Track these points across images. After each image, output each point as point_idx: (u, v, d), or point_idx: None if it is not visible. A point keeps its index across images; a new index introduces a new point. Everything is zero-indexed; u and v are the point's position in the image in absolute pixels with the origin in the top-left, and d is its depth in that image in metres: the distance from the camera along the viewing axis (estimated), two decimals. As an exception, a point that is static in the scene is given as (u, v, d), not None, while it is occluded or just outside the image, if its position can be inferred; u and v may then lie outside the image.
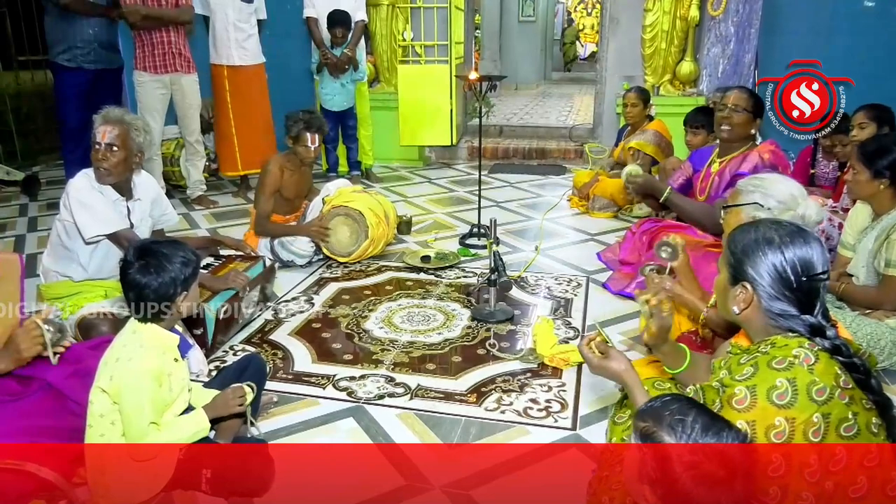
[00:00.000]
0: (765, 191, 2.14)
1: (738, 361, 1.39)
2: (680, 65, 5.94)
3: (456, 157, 6.74)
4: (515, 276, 3.45)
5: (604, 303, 3.20)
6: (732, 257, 1.43)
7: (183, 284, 1.72)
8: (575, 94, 13.02)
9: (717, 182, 3.05)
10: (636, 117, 4.92)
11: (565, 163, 6.65)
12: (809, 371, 1.27)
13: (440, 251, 3.82)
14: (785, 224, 1.44)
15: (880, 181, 2.48)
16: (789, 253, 1.35)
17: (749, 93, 3.03)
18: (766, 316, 1.39)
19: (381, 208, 3.78)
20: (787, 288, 1.35)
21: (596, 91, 6.80)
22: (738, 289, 1.41)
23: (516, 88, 13.07)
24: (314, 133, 3.57)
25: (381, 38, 6.24)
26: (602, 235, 4.28)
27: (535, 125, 8.27)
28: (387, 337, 2.83)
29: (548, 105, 11.21)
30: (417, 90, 6.03)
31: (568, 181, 5.66)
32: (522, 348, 2.72)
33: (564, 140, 7.17)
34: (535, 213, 4.82)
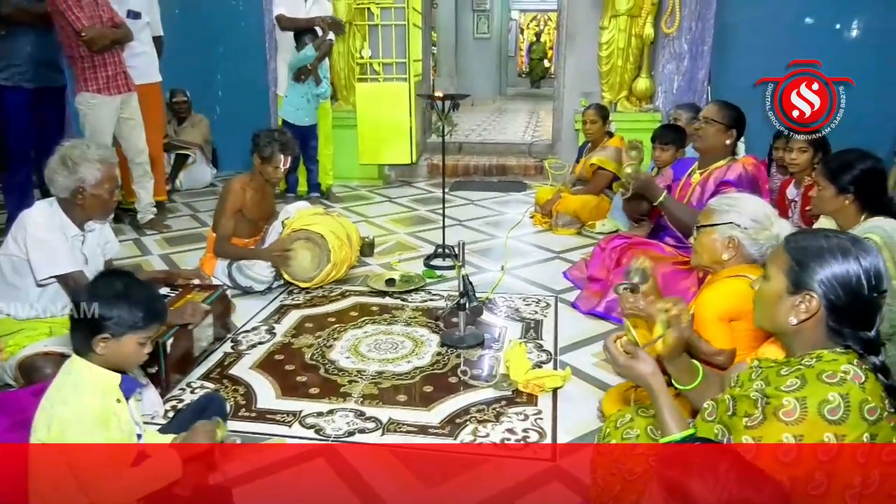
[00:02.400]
0: (739, 210, 2.12)
1: (777, 373, 1.32)
2: (636, 81, 6.00)
3: (416, 175, 6.66)
4: (483, 299, 3.37)
5: (574, 323, 3.16)
6: (797, 264, 1.34)
7: (130, 326, 1.57)
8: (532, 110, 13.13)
9: (698, 192, 3.09)
10: (596, 134, 4.92)
11: (526, 179, 6.64)
12: (861, 389, 1.22)
13: (405, 273, 3.74)
14: (848, 235, 1.38)
15: (845, 196, 2.49)
16: (865, 263, 1.29)
17: (721, 105, 3.08)
18: (824, 328, 1.32)
19: (343, 230, 3.67)
20: (856, 301, 1.29)
21: (554, 107, 6.83)
22: (801, 297, 1.33)
23: (473, 104, 13.09)
24: (287, 155, 3.45)
25: (339, 56, 6.15)
26: (567, 253, 4.25)
27: (495, 141, 8.27)
28: (354, 367, 2.72)
29: (505, 121, 11.26)
30: (376, 108, 5.95)
31: (530, 198, 5.64)
32: (495, 375, 2.64)
33: (524, 156, 7.17)
34: (498, 231, 4.78)
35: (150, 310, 1.61)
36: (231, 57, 6.51)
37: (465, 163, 6.92)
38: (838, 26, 5.88)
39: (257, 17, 5.64)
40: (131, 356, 1.62)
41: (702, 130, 3.09)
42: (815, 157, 3.53)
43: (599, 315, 3.19)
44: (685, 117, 4.50)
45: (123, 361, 1.63)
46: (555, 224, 4.75)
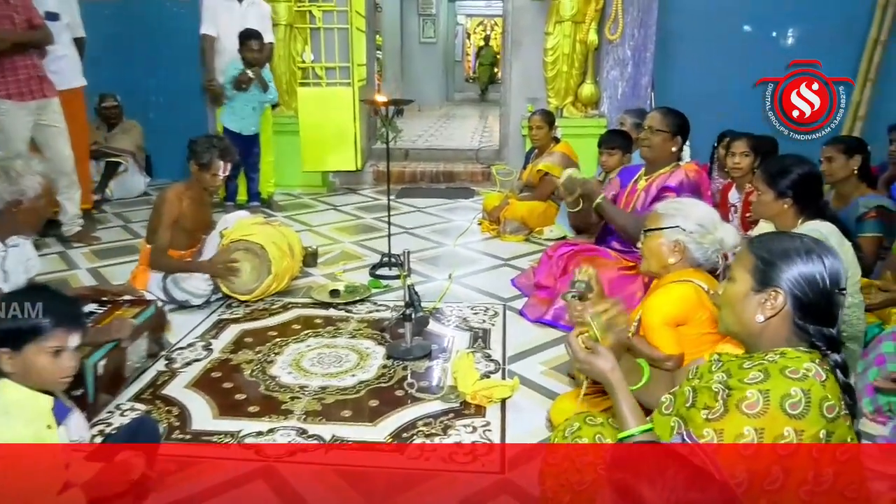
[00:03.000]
0: (685, 214, 2.17)
1: (739, 365, 1.36)
2: (581, 87, 6.10)
3: (361, 182, 6.62)
4: (430, 308, 3.36)
5: (522, 331, 3.17)
6: (762, 262, 1.39)
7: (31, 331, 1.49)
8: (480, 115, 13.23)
9: (643, 198, 3.15)
10: (542, 139, 4.98)
11: (473, 185, 6.67)
12: (822, 386, 1.26)
13: (350, 284, 3.69)
14: (811, 237, 1.44)
15: (784, 201, 2.57)
16: (827, 261, 1.35)
17: (664, 113, 3.15)
18: (789, 326, 1.37)
19: (284, 240, 3.60)
20: (820, 296, 1.35)
21: (501, 113, 6.88)
22: (767, 295, 1.38)
23: (419, 110, 13.11)
24: (227, 162, 3.37)
25: (280, 60, 6.05)
26: (515, 260, 4.28)
27: (442, 147, 8.28)
28: (296, 383, 2.65)
29: (452, 126, 11.31)
30: (319, 113, 5.87)
31: (477, 204, 5.66)
32: (443, 386, 2.62)
33: (471, 162, 7.20)
34: (445, 238, 4.78)
35: (51, 314, 1.52)
36: (166, 59, 6.33)
37: (412, 169, 6.91)
38: (775, 34, 6.12)
39: (193, 18, 5.50)
40: (46, 371, 1.54)
41: (648, 140, 3.14)
42: (755, 161, 3.64)
43: (547, 323, 3.21)
44: (630, 122, 4.60)
45: (41, 378, 1.54)
46: (502, 231, 4.77)
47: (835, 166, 3.23)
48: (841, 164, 3.24)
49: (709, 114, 5.45)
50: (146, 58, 6.34)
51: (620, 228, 3.20)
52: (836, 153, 3.25)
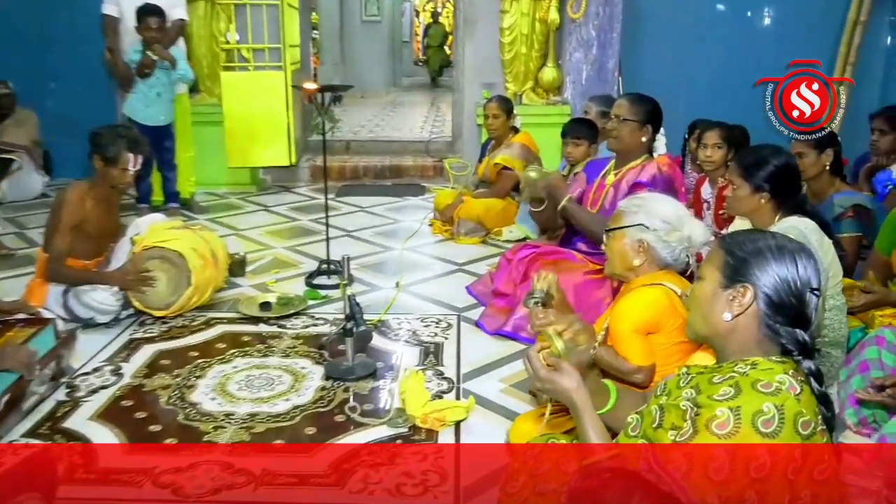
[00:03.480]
0: (649, 211, 2.21)
1: (709, 380, 1.38)
2: (542, 71, 6.17)
3: (296, 179, 6.57)
4: (375, 321, 3.35)
5: (479, 345, 3.18)
6: (733, 258, 1.43)
7: None
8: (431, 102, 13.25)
9: (612, 194, 3.19)
10: (499, 129, 5.01)
11: (424, 181, 6.68)
12: (797, 400, 1.29)
13: (283, 295, 3.66)
14: (784, 235, 1.48)
15: (760, 195, 2.64)
16: (801, 259, 1.40)
17: (633, 100, 3.20)
18: (759, 326, 1.40)
19: (206, 246, 3.55)
20: (792, 295, 1.39)
21: (454, 100, 6.91)
22: (735, 291, 1.41)
23: (363, 97, 13.06)
24: (137, 153, 3.29)
25: (200, 41, 5.97)
26: (471, 265, 4.29)
27: (388, 139, 8.29)
28: (221, 410, 2.61)
29: (399, 115, 11.30)
30: (246, 102, 5.79)
31: (428, 203, 5.67)
32: (389, 409, 2.61)
33: (421, 155, 7.21)
34: (392, 241, 4.77)
35: None
36: (66, 42, 6.15)
37: (354, 164, 6.88)
38: (749, 14, 6.30)
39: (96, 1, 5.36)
40: None
41: (615, 130, 3.19)
42: (728, 153, 3.73)
43: (507, 335, 3.23)
44: (595, 110, 4.66)
45: None
46: (456, 232, 4.78)
47: (806, 162, 3.32)
48: (812, 159, 3.33)
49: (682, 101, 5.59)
50: (43, 38, 6.16)
51: (589, 233, 3.23)
52: (807, 148, 3.33)
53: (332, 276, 3.90)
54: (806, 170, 3.33)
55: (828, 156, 3.34)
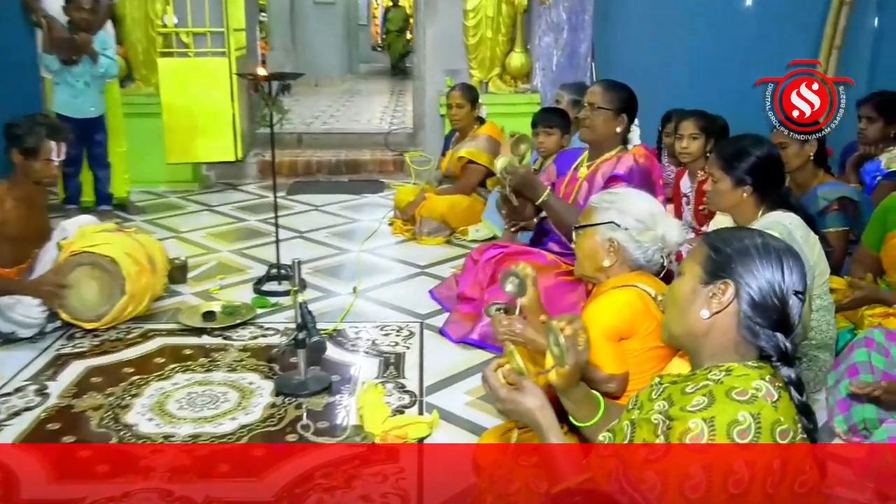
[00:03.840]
0: (621, 208, 2.23)
1: (682, 390, 1.40)
2: (509, 57, 6.20)
3: (243, 176, 6.52)
4: (330, 330, 3.35)
5: (444, 354, 3.20)
6: (717, 254, 1.45)
7: None
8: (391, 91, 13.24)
9: (585, 188, 3.21)
10: (463, 120, 5.02)
11: (383, 177, 6.68)
12: (774, 408, 1.30)
13: (228, 304, 3.64)
14: (771, 235, 1.51)
15: (743, 189, 2.68)
16: (787, 262, 1.42)
17: (606, 87, 3.22)
18: (738, 326, 1.42)
19: (142, 251, 3.53)
20: (774, 296, 1.41)
21: (414, 88, 6.91)
22: (716, 287, 1.43)
23: (316, 85, 13.01)
24: (60, 141, 3.23)
25: (134, 24, 5.89)
26: (434, 267, 4.31)
27: (344, 131, 8.28)
28: (159, 432, 2.59)
29: (357, 105, 11.28)
30: (187, 91, 5.73)
31: (388, 200, 5.67)
32: (346, 427, 2.61)
33: (380, 149, 7.21)
34: (349, 243, 4.77)
35: None
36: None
37: (307, 159, 6.86)
38: (732, -7, 6.40)
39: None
40: None
41: (588, 119, 3.20)
42: (707, 144, 3.78)
43: (473, 343, 3.24)
44: (567, 99, 4.69)
45: None
46: (419, 232, 4.78)
47: (789, 153, 3.37)
48: (795, 150, 3.39)
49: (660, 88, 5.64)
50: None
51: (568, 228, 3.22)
52: (790, 138, 3.39)
53: (282, 282, 3.87)
54: (789, 161, 3.38)
55: (811, 146, 3.39)
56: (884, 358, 2.45)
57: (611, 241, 2.19)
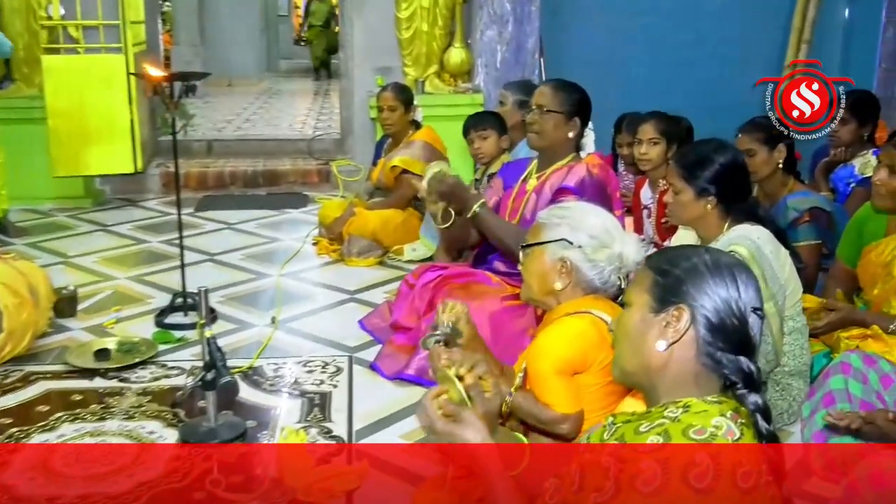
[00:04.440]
0: (573, 224, 2.25)
1: (636, 429, 1.41)
2: (448, 52, 6.25)
3: (144, 191, 6.46)
4: (244, 368, 3.32)
5: (376, 393, 3.19)
6: (664, 277, 1.47)
7: None
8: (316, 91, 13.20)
9: (533, 201, 3.24)
10: (397, 124, 5.03)
11: (306, 189, 6.67)
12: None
13: (125, 340, 3.58)
14: (717, 249, 1.54)
15: (706, 200, 2.73)
16: (740, 277, 1.45)
17: (556, 87, 3.26)
18: (697, 355, 1.44)
19: (22, 280, 3.49)
20: (731, 315, 1.43)
21: (341, 89, 6.91)
22: (669, 315, 1.44)
23: (230, 85, 12.91)
24: None
25: (13, 15, 5.83)
26: (364, 292, 4.31)
27: (261, 137, 8.24)
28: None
29: (276, 108, 11.24)
30: (76, 93, 5.66)
31: (312, 216, 5.65)
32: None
33: (303, 157, 7.18)
34: (267, 266, 4.75)
35: None
36: None
37: (219, 169, 6.80)
38: (693, -17, 6.57)
39: None
40: None
41: (536, 124, 3.23)
42: (668, 150, 3.85)
43: (409, 380, 3.23)
44: (512, 100, 4.73)
45: None
46: (347, 252, 4.77)
47: (757, 161, 3.46)
48: (764, 157, 3.48)
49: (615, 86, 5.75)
50: None
51: (505, 248, 3.25)
52: (757, 144, 3.48)
53: (189, 314, 3.83)
54: (756, 169, 3.47)
55: (780, 152, 3.49)
56: (861, 385, 2.51)
57: (562, 260, 2.21)
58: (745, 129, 3.58)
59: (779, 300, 2.65)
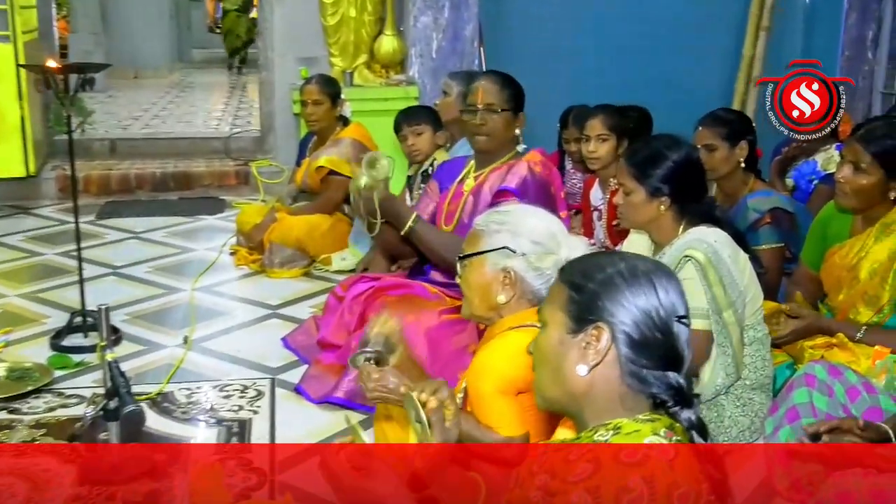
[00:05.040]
0: (514, 229, 2.24)
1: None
2: (379, 41, 6.24)
3: (38, 196, 6.37)
4: (153, 394, 3.28)
5: (301, 419, 3.18)
6: (579, 293, 1.46)
7: None
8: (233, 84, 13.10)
9: (471, 203, 3.25)
10: (323, 120, 5.02)
11: (223, 193, 6.63)
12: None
13: (16, 365, 3.53)
14: (633, 254, 1.54)
15: (659, 201, 2.76)
16: (660, 286, 1.45)
17: (500, 83, 3.26)
18: (622, 375, 1.44)
19: None
20: (654, 327, 1.43)
21: (261, 81, 6.87)
22: (588, 335, 1.44)
23: (136, 77, 12.76)
24: None
25: None
26: (289, 307, 4.30)
27: (172, 135, 8.16)
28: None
29: (189, 103, 11.15)
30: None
31: (230, 223, 5.61)
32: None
33: (219, 157, 7.14)
34: (179, 280, 4.71)
35: None
36: None
37: (124, 172, 6.72)
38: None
39: None
40: None
41: (484, 124, 3.21)
42: (620, 145, 3.88)
43: (338, 403, 3.21)
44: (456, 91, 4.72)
45: None
46: (268, 262, 4.75)
47: (717, 158, 3.50)
48: (724, 154, 3.52)
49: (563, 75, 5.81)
50: None
51: (446, 263, 3.22)
52: (718, 139, 3.51)
53: (89, 334, 3.78)
54: (716, 167, 3.51)
55: (742, 149, 3.52)
56: (827, 398, 2.54)
57: (505, 271, 2.20)
58: (706, 122, 3.61)
59: (738, 308, 2.69)
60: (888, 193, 2.87)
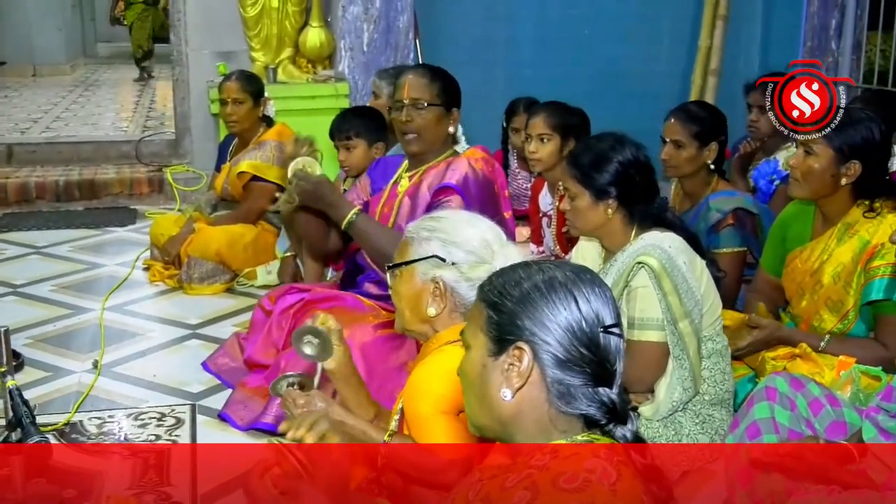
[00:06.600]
0: (445, 237, 2.26)
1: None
2: (305, 33, 6.25)
3: (-75, 209, 6.25)
4: (60, 424, 3.25)
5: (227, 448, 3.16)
6: (497, 312, 1.48)
7: None
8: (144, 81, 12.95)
9: (407, 205, 3.27)
10: (244, 121, 5.00)
11: (134, 202, 6.59)
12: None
13: None
14: (554, 263, 1.56)
15: (606, 204, 2.81)
16: (581, 296, 1.47)
17: (429, 77, 3.27)
18: (549, 397, 1.46)
19: None
20: (583, 346, 1.45)
21: (175, 78, 6.81)
22: (510, 357, 1.46)
23: (34, 75, 12.56)
24: None
25: None
26: (210, 326, 4.29)
27: (76, 139, 8.06)
28: None
29: (94, 102, 11.02)
30: None
31: (143, 234, 5.58)
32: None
33: (130, 163, 7.06)
34: (87, 299, 4.67)
35: None
36: None
37: (22, 180, 6.66)
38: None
39: None
40: None
41: (414, 123, 3.22)
42: (564, 146, 3.92)
43: (267, 429, 3.18)
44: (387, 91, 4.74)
45: None
46: (186, 278, 4.73)
47: (682, 156, 3.57)
48: (691, 154, 3.58)
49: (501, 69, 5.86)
50: None
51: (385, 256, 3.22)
52: (688, 137, 3.57)
53: (-14, 361, 3.70)
54: (680, 166, 3.58)
55: (711, 151, 3.58)
56: (789, 412, 2.59)
57: (435, 281, 2.22)
58: (679, 115, 3.65)
59: (695, 318, 2.72)
60: (839, 179, 2.92)
